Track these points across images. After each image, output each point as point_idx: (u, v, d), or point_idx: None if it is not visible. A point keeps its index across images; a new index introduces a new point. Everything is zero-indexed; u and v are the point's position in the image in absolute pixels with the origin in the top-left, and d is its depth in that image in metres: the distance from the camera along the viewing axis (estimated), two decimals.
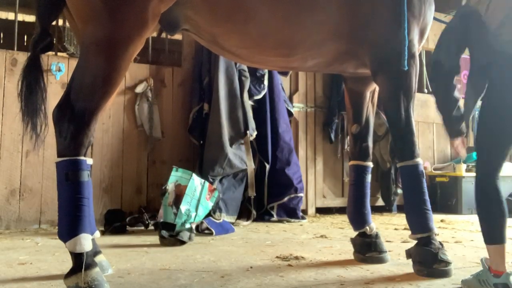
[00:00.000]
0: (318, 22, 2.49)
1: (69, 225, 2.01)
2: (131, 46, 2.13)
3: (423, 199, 2.52)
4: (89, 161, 2.16)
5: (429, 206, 2.53)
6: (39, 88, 2.17)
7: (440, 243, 2.49)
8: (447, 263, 2.40)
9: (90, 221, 2.09)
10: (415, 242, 2.54)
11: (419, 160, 2.55)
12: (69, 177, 2.02)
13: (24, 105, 2.16)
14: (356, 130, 2.90)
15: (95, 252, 2.31)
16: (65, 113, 2.05)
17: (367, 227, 2.80)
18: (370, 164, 2.92)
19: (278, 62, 2.70)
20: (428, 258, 2.42)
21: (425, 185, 2.55)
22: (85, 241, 2.02)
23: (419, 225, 2.51)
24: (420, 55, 2.78)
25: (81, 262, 2.00)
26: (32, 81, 2.15)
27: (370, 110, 2.95)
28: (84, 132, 2.06)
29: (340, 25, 2.52)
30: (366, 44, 2.57)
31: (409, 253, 2.54)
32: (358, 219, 2.84)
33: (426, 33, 2.73)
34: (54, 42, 2.22)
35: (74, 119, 2.04)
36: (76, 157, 2.04)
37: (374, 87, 2.96)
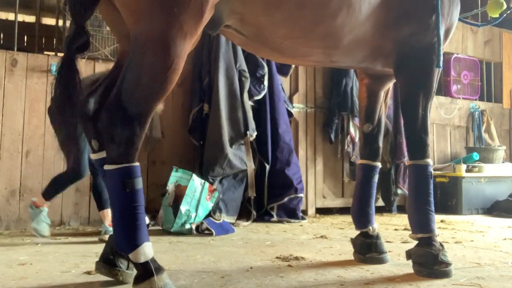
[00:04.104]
0: (364, 13, 2.43)
1: (130, 236, 1.89)
2: (189, 42, 1.95)
3: (428, 199, 2.51)
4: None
5: (433, 207, 2.52)
6: (76, 93, 1.99)
7: (441, 244, 2.49)
8: (448, 264, 2.40)
9: (146, 228, 1.98)
10: (415, 242, 2.54)
11: (429, 160, 2.55)
12: (126, 186, 1.87)
13: (60, 112, 1.99)
14: (368, 129, 2.89)
15: None
16: (117, 117, 1.85)
17: (370, 227, 2.79)
18: (379, 165, 2.91)
19: (320, 55, 2.61)
20: (428, 259, 2.41)
21: (431, 186, 2.55)
22: (148, 249, 1.92)
23: (421, 225, 2.50)
24: None
25: (149, 268, 1.90)
26: (69, 85, 1.98)
27: (382, 110, 2.95)
28: (139, 137, 1.90)
29: (379, 18, 2.49)
30: (395, 41, 2.57)
31: (409, 254, 2.53)
32: (362, 219, 2.84)
33: (450, 33, 2.73)
34: (89, 41, 2.01)
35: (129, 123, 1.85)
36: (132, 164, 1.90)
37: (388, 88, 2.96)
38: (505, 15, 3.08)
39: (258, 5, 2.16)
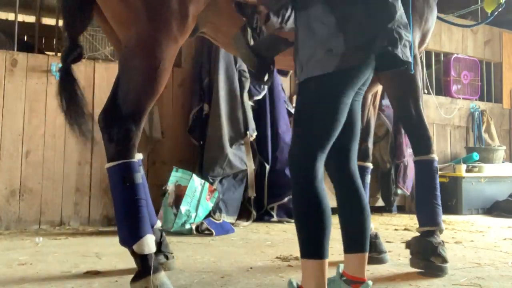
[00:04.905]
0: None
1: (133, 229, 1.97)
2: (174, 47, 2.11)
3: (434, 194, 2.56)
4: (139, 156, 2.19)
5: (439, 201, 2.57)
6: (78, 95, 2.15)
7: (442, 241, 2.53)
8: (444, 259, 2.44)
9: (149, 222, 2.06)
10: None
11: (435, 156, 2.59)
12: (126, 180, 1.97)
13: (68, 115, 2.14)
14: None
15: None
16: (113, 118, 2.02)
17: None
18: (370, 165, 2.95)
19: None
20: (427, 250, 2.46)
21: (437, 180, 2.60)
22: (151, 242, 1.98)
23: (428, 219, 2.55)
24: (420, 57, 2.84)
25: (148, 265, 1.95)
26: (71, 91, 2.14)
27: (371, 112, 3.00)
28: (135, 134, 2.04)
29: None
30: None
31: (408, 244, 2.59)
32: None
33: (427, 37, 2.78)
34: (83, 50, 2.21)
35: (124, 123, 2.01)
36: (130, 160, 2.01)
37: (376, 90, 2.99)
38: (496, 12, 3.09)
39: (231, 18, 2.27)
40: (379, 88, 2.97)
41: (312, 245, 1.69)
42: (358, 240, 1.88)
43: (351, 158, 1.97)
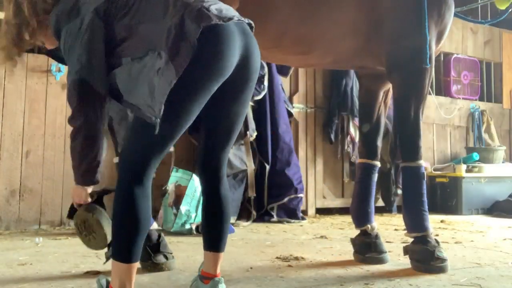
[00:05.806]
0: (335, 19, 2.51)
1: None
2: None
3: (421, 200, 2.56)
4: None
5: (426, 207, 2.58)
6: None
7: (436, 241, 2.55)
8: (443, 260, 2.47)
9: None
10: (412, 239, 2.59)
11: (422, 162, 2.58)
12: None
13: None
14: (366, 128, 2.91)
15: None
16: None
17: (369, 226, 2.81)
18: (378, 164, 2.93)
19: (297, 59, 2.71)
20: (425, 256, 2.48)
21: (424, 186, 2.59)
22: None
23: (415, 225, 2.56)
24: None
25: None
26: None
27: (382, 110, 2.96)
28: None
29: (358, 22, 2.53)
30: (383, 42, 2.57)
31: (406, 250, 2.59)
32: (361, 217, 2.86)
33: (444, 35, 2.72)
34: None
35: None
36: None
37: (388, 88, 2.95)
38: (510, 9, 3.07)
39: None
40: (391, 85, 2.91)
41: (122, 248, 1.63)
42: (215, 240, 1.92)
43: (222, 164, 1.95)
